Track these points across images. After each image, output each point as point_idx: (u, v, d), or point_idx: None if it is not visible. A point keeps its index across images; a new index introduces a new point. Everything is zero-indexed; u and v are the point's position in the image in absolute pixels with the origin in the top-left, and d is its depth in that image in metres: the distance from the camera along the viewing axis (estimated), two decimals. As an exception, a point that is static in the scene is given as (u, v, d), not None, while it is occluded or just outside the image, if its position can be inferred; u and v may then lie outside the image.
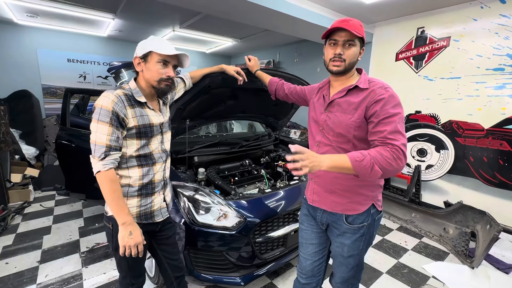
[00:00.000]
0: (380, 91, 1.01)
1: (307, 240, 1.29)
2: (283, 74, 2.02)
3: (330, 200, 1.15)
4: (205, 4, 2.65)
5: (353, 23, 1.04)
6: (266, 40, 5.20)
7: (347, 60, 1.06)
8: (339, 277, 1.24)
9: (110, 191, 1.03)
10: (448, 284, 2.06)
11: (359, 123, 1.04)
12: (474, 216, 2.53)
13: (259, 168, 2.37)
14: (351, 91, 1.09)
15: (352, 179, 1.09)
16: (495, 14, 2.66)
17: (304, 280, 1.31)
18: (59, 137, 2.64)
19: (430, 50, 3.19)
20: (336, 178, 1.12)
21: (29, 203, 3.23)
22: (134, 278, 1.24)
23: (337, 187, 1.13)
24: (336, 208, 1.15)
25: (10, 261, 2.17)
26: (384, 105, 0.98)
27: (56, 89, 5.03)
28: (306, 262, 1.29)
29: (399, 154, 0.90)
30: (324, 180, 1.16)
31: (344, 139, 1.08)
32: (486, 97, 2.79)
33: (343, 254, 1.18)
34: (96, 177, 1.04)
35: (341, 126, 1.08)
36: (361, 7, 3.09)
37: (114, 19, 4.02)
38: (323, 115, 1.16)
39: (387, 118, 0.97)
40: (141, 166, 1.13)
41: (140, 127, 1.09)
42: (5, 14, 3.98)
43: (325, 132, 1.15)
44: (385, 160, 0.89)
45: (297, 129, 4.96)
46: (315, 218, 1.25)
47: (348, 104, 1.08)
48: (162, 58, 1.08)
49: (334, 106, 1.13)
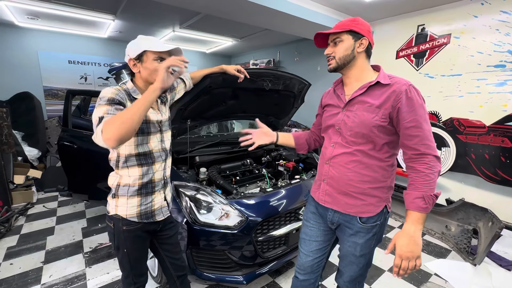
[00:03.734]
0: (403, 88, 1.00)
1: (311, 237, 1.28)
2: (283, 73, 2.03)
3: (344, 202, 1.13)
4: (205, 4, 2.65)
5: (341, 23, 1.08)
6: (266, 39, 5.20)
7: (336, 55, 1.09)
8: (348, 276, 1.23)
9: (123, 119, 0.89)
10: (450, 281, 2.06)
11: (383, 122, 1.02)
12: (476, 213, 2.53)
13: (260, 168, 2.38)
14: (372, 88, 1.06)
15: (365, 182, 1.09)
16: (496, 10, 2.65)
17: (302, 276, 1.31)
18: (61, 138, 2.65)
19: (430, 47, 3.18)
20: (350, 180, 1.10)
21: (32, 204, 3.26)
22: (136, 277, 1.25)
23: (351, 189, 1.11)
24: (349, 210, 1.12)
25: (15, 261, 2.19)
26: (410, 105, 0.98)
27: (58, 90, 5.06)
28: (306, 259, 1.29)
29: (435, 168, 0.97)
30: (338, 182, 1.14)
31: (364, 139, 1.06)
32: (487, 94, 2.78)
33: (355, 253, 1.15)
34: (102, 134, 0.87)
35: (363, 126, 1.05)
36: (360, 5, 3.09)
37: (114, 20, 4.04)
38: (340, 115, 1.12)
39: (414, 121, 0.97)
40: (141, 165, 1.13)
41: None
42: (6, 17, 4.00)
43: (342, 132, 1.11)
44: (432, 181, 0.96)
45: (298, 128, 4.96)
46: (323, 217, 1.23)
47: (370, 102, 1.05)
48: (158, 56, 1.08)
49: (354, 105, 1.09)
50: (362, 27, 1.06)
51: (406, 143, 1.01)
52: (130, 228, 1.15)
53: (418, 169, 0.98)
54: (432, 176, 0.96)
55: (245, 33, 4.75)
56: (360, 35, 1.07)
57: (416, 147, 0.98)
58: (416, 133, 0.98)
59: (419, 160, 0.99)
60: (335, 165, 1.14)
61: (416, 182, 0.98)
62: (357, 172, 1.09)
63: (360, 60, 1.10)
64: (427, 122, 0.99)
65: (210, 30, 4.61)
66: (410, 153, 1.01)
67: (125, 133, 0.88)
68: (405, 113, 0.98)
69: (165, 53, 1.10)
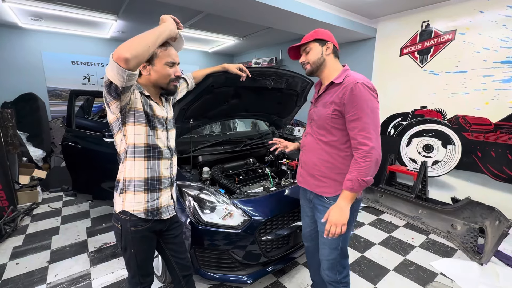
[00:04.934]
0: (350, 86, 1.15)
1: (304, 213, 1.56)
2: (285, 72, 2.01)
3: (311, 183, 1.37)
4: (207, 3, 2.64)
5: (306, 36, 1.30)
6: (268, 38, 5.18)
7: (310, 61, 1.30)
8: (325, 262, 1.39)
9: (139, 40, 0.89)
10: (456, 281, 2.04)
11: (335, 116, 1.22)
12: (483, 212, 2.50)
13: (263, 167, 2.37)
14: (330, 87, 1.28)
15: (327, 167, 1.29)
16: (503, 5, 2.61)
17: (307, 243, 1.61)
18: (65, 138, 2.67)
19: (435, 44, 3.14)
20: (315, 165, 1.33)
21: (38, 204, 3.29)
22: (142, 277, 1.25)
23: (316, 172, 1.33)
24: (315, 189, 1.36)
25: (21, 261, 2.21)
26: (353, 100, 1.14)
27: (61, 91, 5.09)
28: (305, 230, 1.58)
29: (369, 160, 1.12)
30: (307, 165, 1.39)
31: (324, 131, 1.28)
32: (493, 90, 2.74)
33: (323, 230, 1.27)
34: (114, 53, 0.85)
35: (321, 119, 1.28)
36: (363, 2, 3.05)
37: (117, 20, 4.04)
38: (312, 110, 1.39)
39: (355, 114, 1.14)
40: (148, 158, 1.12)
41: (147, 112, 1.09)
42: (10, 18, 4.02)
43: (312, 124, 1.37)
44: (364, 170, 1.13)
45: (301, 126, 4.94)
46: (305, 196, 1.50)
47: (326, 99, 1.27)
48: (170, 60, 1.09)
49: (319, 101, 1.33)
50: (324, 34, 1.28)
51: (350, 133, 1.19)
52: (137, 229, 1.15)
53: (355, 157, 1.17)
54: (362, 164, 1.13)
55: (248, 32, 4.73)
56: (325, 41, 1.28)
57: (355, 137, 1.16)
58: (356, 125, 1.15)
59: (357, 149, 1.16)
60: (306, 152, 1.40)
61: (351, 167, 1.17)
62: (320, 158, 1.31)
63: (329, 61, 1.29)
64: (368, 115, 1.13)
65: (212, 29, 4.60)
66: (353, 143, 1.18)
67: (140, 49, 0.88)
68: (348, 107, 1.16)
69: (174, 55, 1.12)
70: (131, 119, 1.07)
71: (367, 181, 1.14)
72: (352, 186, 1.15)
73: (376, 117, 1.16)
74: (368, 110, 1.13)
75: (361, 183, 1.13)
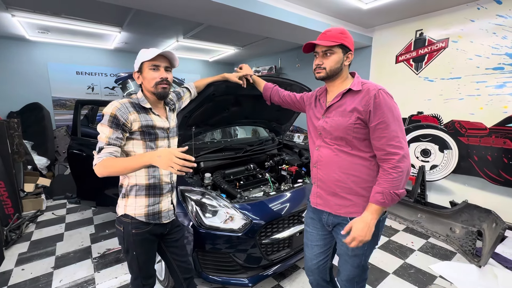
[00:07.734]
0: (372, 93, 1.07)
1: (312, 241, 1.35)
2: (284, 80, 2.09)
3: (333, 203, 1.20)
4: (206, 16, 2.76)
5: (331, 34, 1.12)
6: (267, 47, 5.31)
7: (327, 67, 1.15)
8: (345, 275, 1.28)
9: (113, 169, 1.03)
10: (455, 283, 2.06)
11: (358, 125, 1.10)
12: (480, 215, 2.53)
13: (263, 172, 2.42)
14: (346, 95, 1.16)
15: (353, 181, 1.15)
16: (492, 14, 2.71)
17: (311, 277, 1.41)
18: (71, 146, 2.74)
19: (429, 51, 3.24)
20: (337, 181, 1.17)
21: (42, 211, 3.34)
22: (145, 279, 1.30)
23: (339, 190, 1.18)
24: (339, 211, 1.19)
25: (26, 267, 2.25)
26: (378, 108, 1.05)
27: (66, 100, 5.20)
28: (311, 262, 1.36)
29: (400, 170, 1.03)
30: (326, 183, 1.21)
31: (343, 142, 1.15)
32: (487, 96, 2.81)
33: (348, 253, 1.21)
34: (94, 170, 1.06)
35: (339, 129, 1.14)
36: (359, 12, 3.16)
37: (121, 32, 4.18)
38: (321, 121, 1.22)
39: (382, 123, 1.05)
40: (148, 166, 1.16)
41: (143, 128, 1.15)
42: (18, 32, 4.17)
43: (323, 136, 1.21)
44: (396, 182, 1.03)
45: (301, 133, 5.01)
46: (320, 220, 1.30)
47: (344, 108, 1.14)
48: (151, 64, 1.16)
49: (332, 111, 1.19)
50: (350, 41, 1.14)
51: (375, 144, 1.09)
52: (138, 231, 1.20)
53: (384, 168, 1.07)
54: (395, 175, 1.03)
55: (247, 41, 4.86)
56: (348, 49, 1.15)
57: (383, 147, 1.06)
58: (384, 134, 1.05)
59: (386, 159, 1.06)
60: (322, 168, 1.22)
61: (381, 179, 1.06)
62: (344, 172, 1.16)
63: (345, 71, 1.19)
64: (395, 123, 1.05)
65: (213, 39, 4.73)
66: (379, 154, 1.09)
67: (114, 175, 1.06)
68: (373, 115, 1.06)
69: (159, 60, 1.17)
70: (130, 140, 1.15)
71: (399, 194, 1.03)
72: (383, 200, 1.03)
73: (402, 124, 1.08)
74: (394, 118, 1.06)
75: (393, 196, 1.03)
